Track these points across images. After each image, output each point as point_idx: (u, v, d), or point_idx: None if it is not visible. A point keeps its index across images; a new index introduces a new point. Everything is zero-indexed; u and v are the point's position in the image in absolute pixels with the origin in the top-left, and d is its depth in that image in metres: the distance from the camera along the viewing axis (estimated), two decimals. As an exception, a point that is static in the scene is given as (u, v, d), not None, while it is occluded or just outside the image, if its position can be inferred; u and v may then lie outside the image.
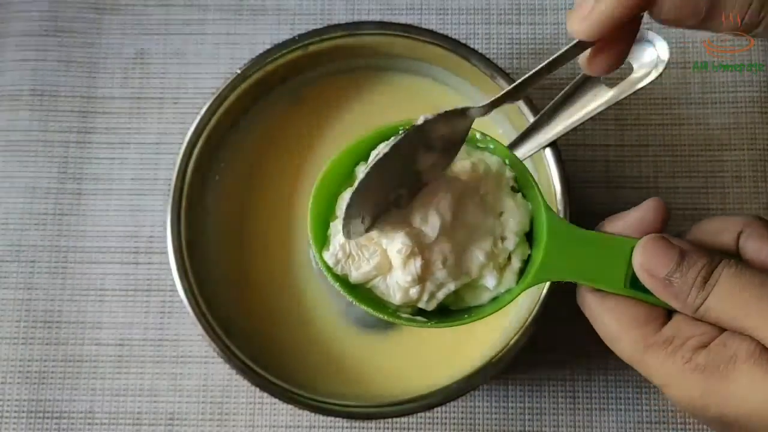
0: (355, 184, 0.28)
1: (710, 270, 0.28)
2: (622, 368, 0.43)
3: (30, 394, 0.44)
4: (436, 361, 0.40)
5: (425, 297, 0.31)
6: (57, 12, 0.49)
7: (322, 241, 0.32)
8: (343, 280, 0.32)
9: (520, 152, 0.36)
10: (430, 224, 0.30)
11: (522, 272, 0.32)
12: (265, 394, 0.37)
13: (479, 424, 0.43)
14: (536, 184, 0.31)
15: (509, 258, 0.32)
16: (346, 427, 0.43)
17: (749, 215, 0.30)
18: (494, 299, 0.32)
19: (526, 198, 0.32)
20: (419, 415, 0.43)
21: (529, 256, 0.32)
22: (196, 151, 0.39)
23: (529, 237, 0.32)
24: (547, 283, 0.35)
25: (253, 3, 0.49)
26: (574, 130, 0.36)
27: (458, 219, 0.30)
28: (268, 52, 0.39)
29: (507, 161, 0.33)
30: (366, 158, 0.33)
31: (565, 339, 0.44)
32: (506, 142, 0.37)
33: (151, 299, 0.45)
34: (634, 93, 0.34)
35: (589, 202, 0.45)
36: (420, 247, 0.30)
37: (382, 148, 0.31)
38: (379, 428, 0.43)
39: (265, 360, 0.38)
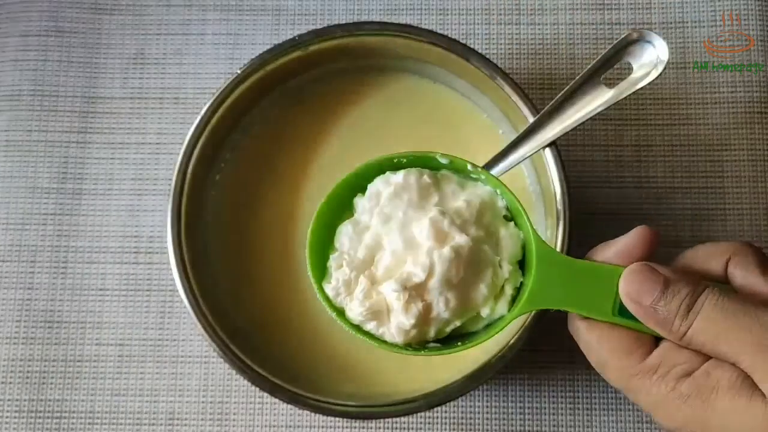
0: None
1: (694, 299, 0.28)
2: (622, 368, 0.43)
3: (30, 394, 0.44)
4: (436, 361, 0.40)
5: (432, 334, 0.32)
6: (57, 12, 0.49)
7: (321, 271, 0.33)
8: (341, 312, 0.32)
9: (520, 152, 0.36)
10: (420, 265, 0.30)
11: (514, 299, 0.32)
12: (265, 394, 0.37)
13: (479, 424, 0.43)
14: (526, 212, 0.32)
15: (502, 286, 0.32)
16: (346, 427, 0.43)
17: (738, 242, 0.31)
18: (487, 325, 0.33)
19: (517, 226, 0.33)
20: (419, 415, 0.43)
21: (521, 283, 0.32)
22: (196, 151, 0.39)
23: (521, 265, 0.33)
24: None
25: (253, 3, 0.49)
26: (574, 130, 0.36)
27: (462, 259, 0.31)
28: (268, 52, 0.39)
29: (498, 191, 0.33)
30: (363, 190, 0.33)
31: (565, 339, 0.43)
32: (506, 142, 0.37)
33: (151, 299, 0.45)
34: (634, 93, 0.34)
35: (589, 202, 0.45)
36: (419, 290, 0.30)
37: (382, 187, 0.32)
38: (379, 428, 0.43)
39: (265, 360, 0.38)
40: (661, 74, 0.33)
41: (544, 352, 0.44)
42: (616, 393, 0.43)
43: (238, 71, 0.39)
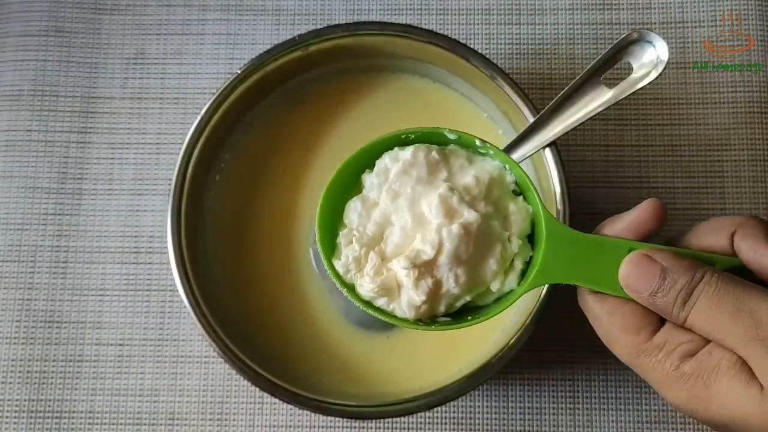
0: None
1: (690, 289, 0.29)
2: (622, 368, 0.43)
3: (30, 394, 0.44)
4: (436, 361, 0.40)
5: (442, 309, 0.32)
6: (57, 12, 0.49)
7: (331, 248, 0.33)
8: (351, 288, 0.32)
9: (520, 152, 0.36)
10: (429, 243, 0.30)
11: (524, 273, 0.32)
12: (265, 394, 0.37)
13: (479, 424, 0.43)
14: (535, 187, 0.32)
15: (512, 260, 0.32)
16: (346, 427, 0.43)
17: (743, 215, 0.31)
18: (497, 300, 0.33)
19: (526, 201, 0.33)
20: (419, 414, 0.43)
21: (531, 257, 0.32)
22: (196, 151, 0.39)
23: (530, 239, 0.33)
24: (546, 284, 0.36)
25: (253, 3, 0.49)
26: (574, 130, 0.36)
27: (471, 235, 0.31)
28: (268, 52, 0.39)
29: (507, 166, 0.33)
30: (372, 165, 0.33)
31: (565, 339, 0.44)
32: (506, 142, 0.37)
33: (151, 299, 0.45)
34: (634, 93, 0.34)
35: (589, 202, 0.45)
36: (428, 266, 0.30)
37: (391, 163, 0.32)
38: (379, 428, 0.43)
39: (265, 360, 0.38)
40: (661, 74, 0.33)
41: (544, 352, 0.44)
42: (616, 393, 0.43)
43: (238, 71, 0.39)
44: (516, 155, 0.36)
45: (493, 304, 0.33)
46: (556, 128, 0.36)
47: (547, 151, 0.37)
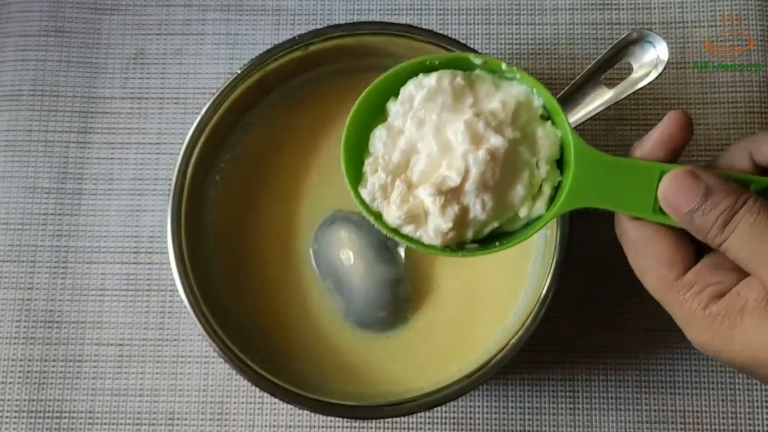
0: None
1: (731, 213, 0.28)
2: (622, 368, 0.43)
3: (30, 394, 0.44)
4: (436, 361, 0.40)
5: (470, 235, 0.31)
6: (57, 12, 0.49)
7: (356, 177, 0.32)
8: (378, 216, 0.32)
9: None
10: (455, 169, 0.30)
11: (552, 199, 0.32)
12: (265, 394, 0.37)
13: (479, 424, 0.43)
14: (563, 111, 0.31)
15: (540, 185, 0.32)
16: (346, 427, 0.43)
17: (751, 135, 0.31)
18: (526, 225, 0.32)
19: (554, 125, 0.32)
20: (419, 414, 0.43)
21: (559, 183, 0.32)
22: (196, 151, 0.39)
23: (559, 165, 0.32)
24: (547, 284, 0.36)
25: (253, 3, 0.49)
26: (574, 130, 0.36)
27: (498, 161, 0.30)
28: (268, 52, 0.39)
29: (534, 90, 0.32)
30: (396, 93, 0.32)
31: (565, 339, 0.44)
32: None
33: (151, 299, 0.45)
34: (634, 93, 0.34)
35: (589, 202, 0.45)
36: (455, 193, 0.30)
37: (415, 90, 0.31)
38: (379, 428, 0.43)
39: (265, 360, 0.38)
40: (661, 74, 0.33)
41: (544, 352, 0.44)
42: (616, 393, 0.43)
43: (238, 71, 0.39)
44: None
45: (522, 230, 0.32)
46: (556, 128, 0.36)
47: (548, 150, 0.37)
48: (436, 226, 0.31)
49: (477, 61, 0.32)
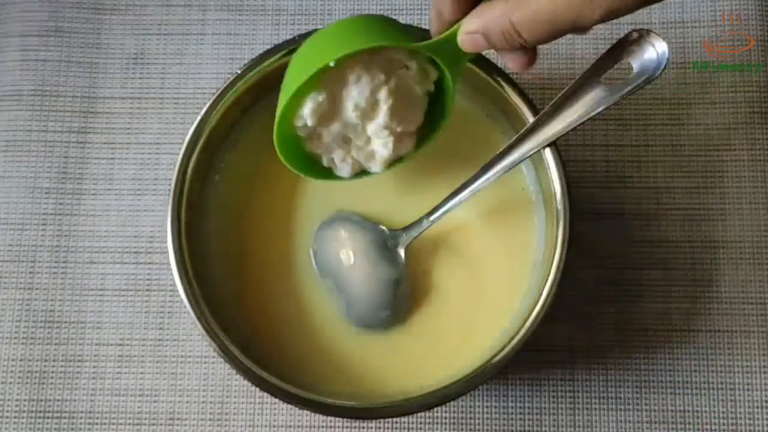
0: None
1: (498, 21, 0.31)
2: (622, 368, 0.43)
3: (30, 394, 0.44)
4: (436, 361, 0.40)
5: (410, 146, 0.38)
6: (57, 12, 0.49)
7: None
8: (295, 158, 0.38)
9: (520, 152, 0.36)
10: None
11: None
12: (265, 394, 0.37)
13: (479, 424, 0.43)
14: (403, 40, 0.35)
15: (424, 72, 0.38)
16: (346, 427, 0.43)
17: None
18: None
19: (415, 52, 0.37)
20: (419, 414, 0.43)
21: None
22: (196, 151, 0.39)
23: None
24: (547, 284, 0.35)
25: (253, 3, 0.49)
26: (574, 130, 0.36)
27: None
28: (268, 52, 0.39)
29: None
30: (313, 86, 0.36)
31: (565, 339, 0.44)
32: (506, 142, 0.37)
33: (151, 299, 0.45)
34: (634, 93, 0.34)
35: (589, 202, 0.45)
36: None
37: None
38: (379, 428, 0.43)
39: (265, 360, 0.37)
40: (661, 74, 0.33)
41: (544, 352, 0.44)
42: (616, 393, 0.43)
43: (238, 71, 0.39)
44: (516, 155, 0.36)
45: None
46: (556, 128, 0.36)
47: (547, 151, 0.37)
48: (380, 158, 0.38)
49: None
